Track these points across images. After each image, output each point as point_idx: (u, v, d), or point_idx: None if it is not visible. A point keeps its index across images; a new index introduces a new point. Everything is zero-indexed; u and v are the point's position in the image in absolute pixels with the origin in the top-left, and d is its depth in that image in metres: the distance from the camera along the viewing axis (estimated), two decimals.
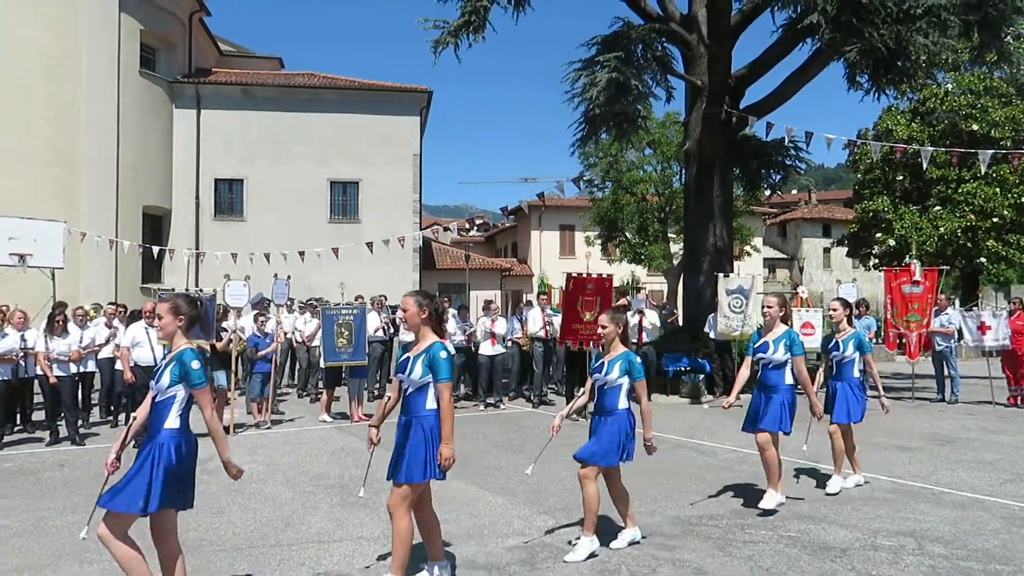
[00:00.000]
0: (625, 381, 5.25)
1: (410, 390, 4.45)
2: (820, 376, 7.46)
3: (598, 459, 5.15)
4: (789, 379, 6.22)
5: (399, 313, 15.05)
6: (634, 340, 13.48)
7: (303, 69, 33.56)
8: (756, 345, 6.41)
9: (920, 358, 13.92)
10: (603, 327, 5.37)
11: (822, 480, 7.18)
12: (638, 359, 5.32)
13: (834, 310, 7.21)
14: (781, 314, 6.33)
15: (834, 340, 7.20)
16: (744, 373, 6.55)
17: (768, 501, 6.07)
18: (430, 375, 4.38)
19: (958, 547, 5.34)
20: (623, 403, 5.26)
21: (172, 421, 4.05)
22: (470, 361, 13.72)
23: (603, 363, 5.33)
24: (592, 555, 5.08)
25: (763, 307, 6.45)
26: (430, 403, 4.42)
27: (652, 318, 13.48)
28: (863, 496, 6.78)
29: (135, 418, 4.23)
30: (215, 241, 25.83)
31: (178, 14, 27.86)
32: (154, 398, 4.09)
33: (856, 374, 7.08)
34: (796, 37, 15.05)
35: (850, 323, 7.29)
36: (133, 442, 4.35)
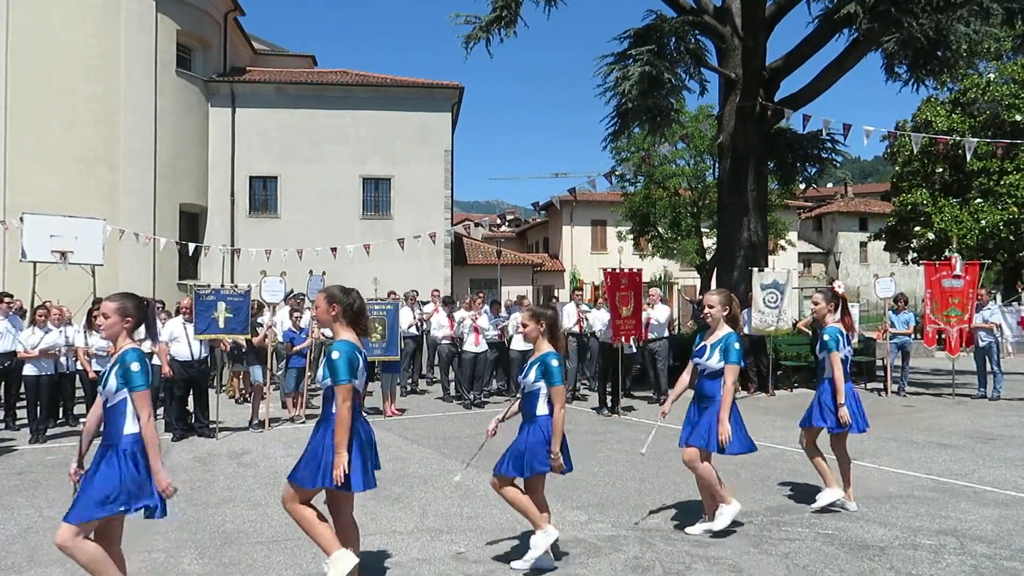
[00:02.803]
0: (542, 386, 4.79)
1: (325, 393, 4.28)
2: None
3: (497, 467, 4.82)
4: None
5: (426, 309, 15.18)
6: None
7: (336, 67, 33.89)
8: (695, 348, 5.66)
9: (961, 354, 13.63)
10: (524, 325, 4.98)
11: (862, 478, 7.05)
12: (555, 361, 4.80)
13: (815, 303, 6.20)
14: (724, 314, 5.54)
15: (820, 338, 6.24)
16: (684, 379, 5.80)
17: (720, 520, 5.43)
18: (329, 378, 4.17)
19: (1001, 547, 5.22)
20: (541, 409, 4.81)
21: (131, 426, 3.90)
22: (503, 356, 13.74)
23: (525, 365, 4.95)
24: (554, 544, 4.84)
25: (704, 306, 5.65)
26: (335, 407, 4.19)
27: (658, 314, 13.02)
28: (902, 494, 6.66)
29: (84, 423, 4.01)
30: (250, 238, 26.18)
31: (213, 14, 28.26)
32: (105, 404, 3.95)
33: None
34: (832, 28, 14.79)
35: (846, 316, 6.23)
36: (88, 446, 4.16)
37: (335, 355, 4.15)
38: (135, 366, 3.91)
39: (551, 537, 4.81)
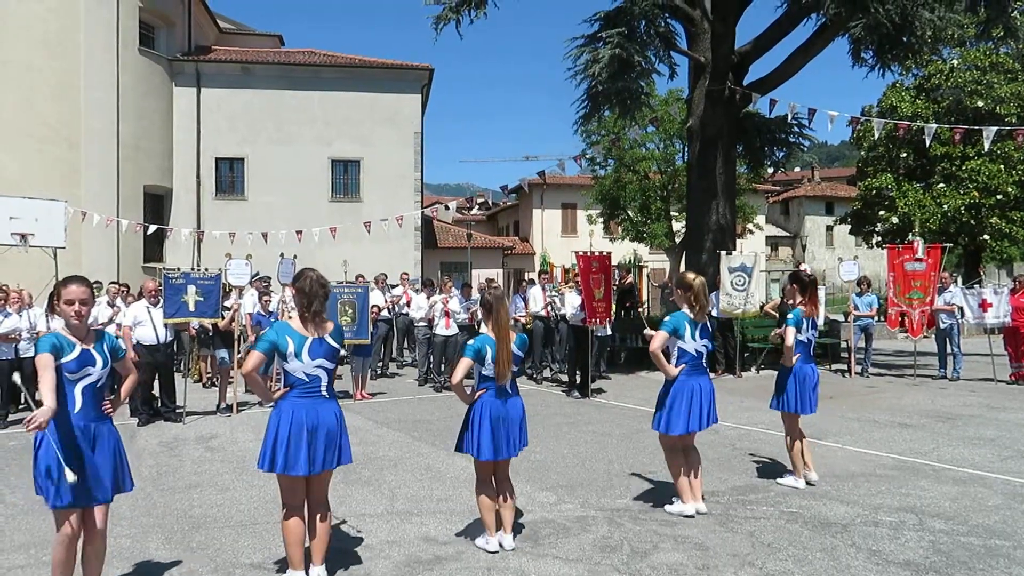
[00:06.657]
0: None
1: None
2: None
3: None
4: (671, 371, 5.58)
5: (395, 292, 15.16)
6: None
7: (303, 47, 33.34)
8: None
9: (923, 335, 13.91)
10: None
11: (825, 457, 7.19)
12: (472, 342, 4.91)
13: (783, 288, 6.41)
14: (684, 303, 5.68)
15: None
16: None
17: (672, 506, 5.66)
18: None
19: (959, 523, 5.36)
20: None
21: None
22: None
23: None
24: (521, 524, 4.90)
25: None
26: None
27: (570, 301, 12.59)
28: (864, 473, 6.80)
29: (52, 409, 3.88)
30: (216, 220, 25.77)
31: None
32: (95, 383, 4.08)
33: (793, 359, 6.29)
34: (801, 13, 14.90)
35: (812, 302, 6.40)
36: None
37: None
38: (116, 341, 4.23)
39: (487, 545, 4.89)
